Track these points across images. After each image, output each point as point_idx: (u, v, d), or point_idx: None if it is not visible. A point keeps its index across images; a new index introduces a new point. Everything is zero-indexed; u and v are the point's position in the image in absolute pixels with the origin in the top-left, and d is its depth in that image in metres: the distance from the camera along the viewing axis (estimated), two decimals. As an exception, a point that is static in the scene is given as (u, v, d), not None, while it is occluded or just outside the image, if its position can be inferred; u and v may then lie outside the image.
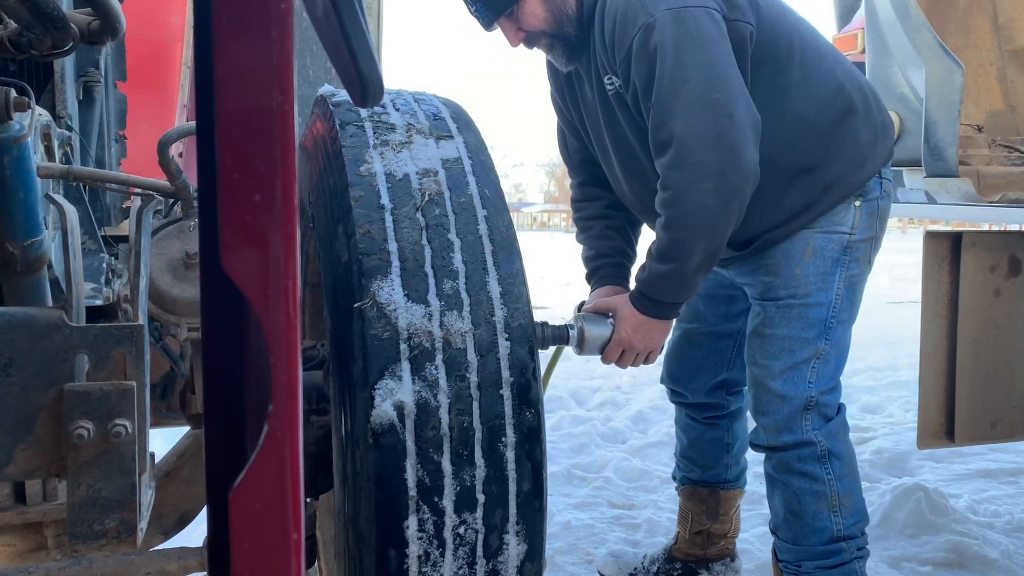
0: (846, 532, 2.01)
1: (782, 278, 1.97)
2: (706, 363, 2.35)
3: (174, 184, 1.48)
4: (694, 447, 2.46)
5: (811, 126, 1.92)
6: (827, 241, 1.95)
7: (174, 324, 1.50)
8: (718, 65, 1.75)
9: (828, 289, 1.95)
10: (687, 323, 2.39)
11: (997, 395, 2.59)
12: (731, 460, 2.45)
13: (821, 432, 1.99)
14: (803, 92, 1.91)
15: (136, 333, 1.07)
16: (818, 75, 1.93)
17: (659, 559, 2.57)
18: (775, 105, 1.88)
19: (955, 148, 2.38)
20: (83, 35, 1.28)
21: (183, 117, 2.88)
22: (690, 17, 1.75)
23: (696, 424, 2.44)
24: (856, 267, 1.98)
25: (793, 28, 1.94)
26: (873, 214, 1.98)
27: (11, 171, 1.09)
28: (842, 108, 1.93)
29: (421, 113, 1.46)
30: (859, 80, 2.01)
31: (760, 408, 2.04)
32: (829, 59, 1.98)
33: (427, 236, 1.26)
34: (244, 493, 0.54)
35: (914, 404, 2.69)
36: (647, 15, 1.76)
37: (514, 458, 1.19)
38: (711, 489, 2.46)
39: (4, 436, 1.02)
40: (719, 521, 2.48)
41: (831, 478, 1.99)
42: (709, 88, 1.72)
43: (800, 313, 1.96)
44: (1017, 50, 2.98)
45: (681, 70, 1.73)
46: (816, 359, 1.97)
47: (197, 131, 0.53)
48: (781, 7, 1.97)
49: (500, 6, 1.88)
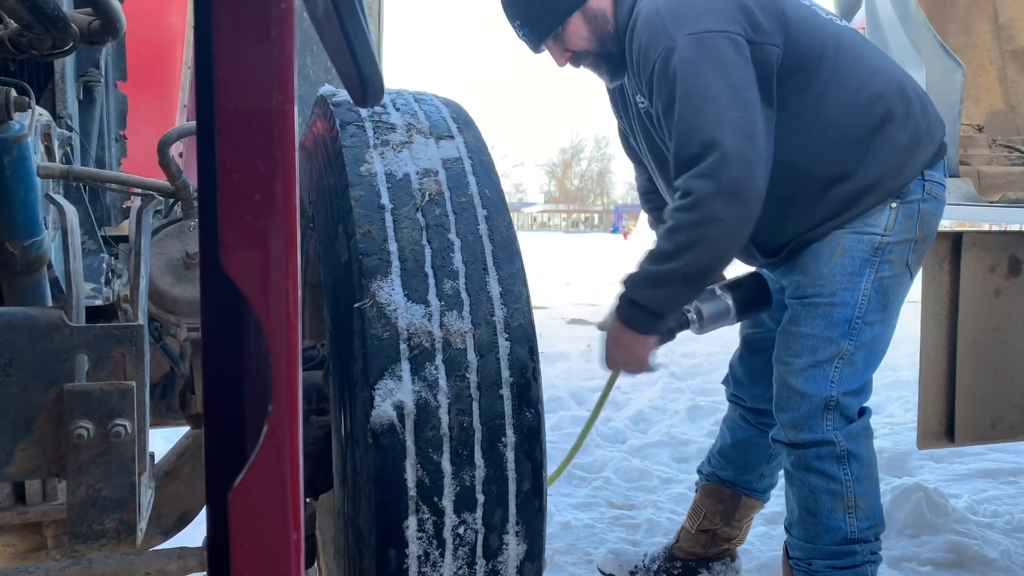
0: (860, 535, 1.99)
1: (810, 276, 1.98)
2: (765, 369, 2.30)
3: (174, 184, 1.48)
4: (737, 448, 2.44)
5: (845, 135, 1.93)
6: (857, 241, 1.94)
7: (174, 324, 1.49)
8: (739, 87, 1.78)
9: (855, 289, 1.94)
10: (749, 328, 2.40)
11: (997, 395, 2.59)
12: (767, 471, 2.44)
13: (841, 432, 1.97)
14: (836, 101, 1.92)
15: (136, 333, 1.07)
16: (853, 83, 1.94)
17: (660, 557, 2.57)
18: (808, 115, 1.91)
19: (955, 148, 2.39)
20: (83, 35, 1.28)
21: (183, 117, 2.88)
22: (710, 41, 1.79)
23: (748, 427, 2.42)
24: (888, 269, 1.95)
25: (828, 38, 1.95)
26: (912, 216, 1.96)
27: (11, 171, 1.09)
28: (878, 116, 1.93)
29: (421, 113, 1.46)
30: (902, 86, 1.99)
31: (780, 404, 2.04)
32: (868, 66, 1.97)
33: (427, 236, 1.26)
34: (244, 493, 0.54)
35: (914, 404, 2.69)
36: (669, 39, 1.81)
37: (514, 458, 1.19)
38: (735, 492, 2.45)
39: (4, 436, 1.02)
40: (730, 525, 2.47)
41: (848, 479, 1.97)
42: (730, 107, 1.76)
43: (824, 312, 1.96)
44: (1017, 50, 2.98)
45: (703, 91, 1.77)
46: (840, 359, 1.96)
47: (197, 131, 0.53)
48: (814, 19, 1.97)
49: (546, 29, 1.98)
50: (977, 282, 2.54)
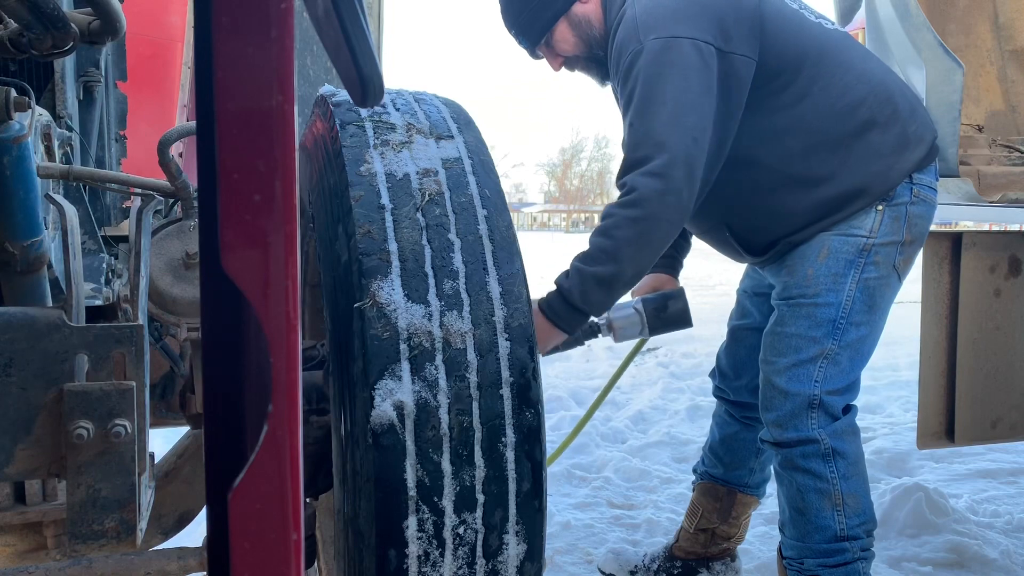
0: (850, 532, 2.01)
1: (795, 277, 2.01)
2: (749, 361, 2.35)
3: (174, 184, 1.48)
4: (725, 444, 2.47)
5: (824, 139, 1.96)
6: (842, 243, 1.97)
7: (174, 324, 1.49)
8: (695, 92, 1.83)
9: (839, 290, 1.96)
10: (735, 320, 2.43)
11: (997, 395, 2.59)
12: (757, 466, 2.45)
13: (826, 430, 1.99)
14: (817, 105, 1.95)
15: (136, 333, 1.07)
16: (836, 88, 1.96)
17: (660, 557, 2.58)
18: (787, 118, 1.94)
19: (955, 148, 2.38)
20: (83, 35, 1.28)
21: (183, 117, 2.88)
22: (675, 46, 1.84)
23: (733, 421, 2.46)
24: (874, 270, 1.97)
25: (811, 43, 1.98)
26: (899, 219, 1.97)
27: (11, 171, 1.09)
28: (860, 121, 1.96)
29: (421, 113, 1.46)
30: (889, 91, 2.01)
31: (766, 404, 2.07)
32: (854, 70, 1.99)
33: (427, 236, 1.26)
34: (244, 493, 0.54)
35: (914, 404, 2.69)
36: (638, 43, 1.88)
37: (514, 458, 1.19)
38: (730, 489, 2.47)
39: (4, 436, 1.02)
40: (728, 523, 2.49)
41: (835, 477, 1.99)
42: (683, 111, 1.82)
43: (809, 312, 1.98)
44: (1017, 50, 2.98)
45: (660, 93, 1.83)
46: (824, 359, 1.98)
47: (197, 131, 0.53)
48: (798, 23, 1.99)
49: (536, 36, 2.08)
50: (977, 282, 2.54)
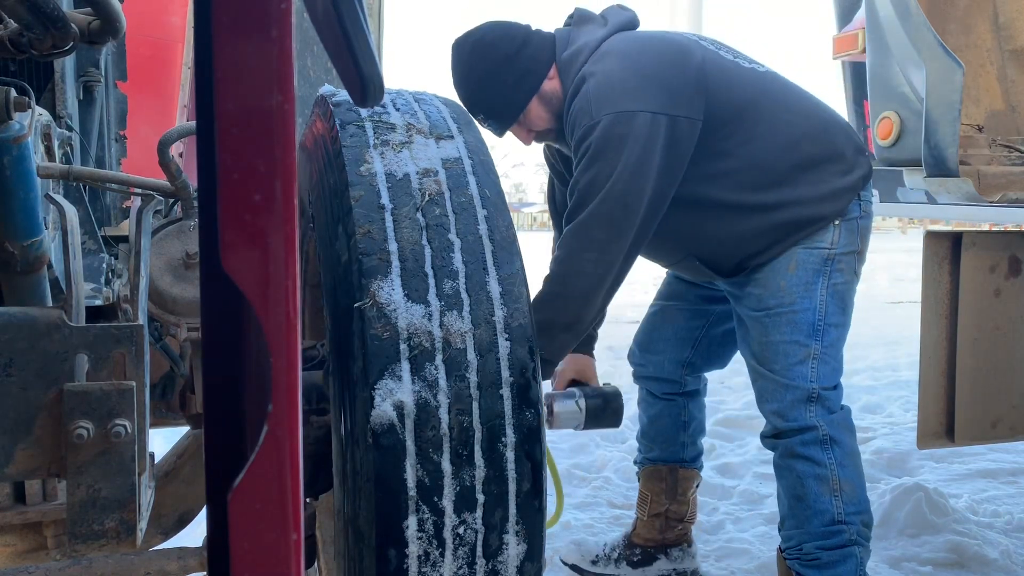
0: (847, 518, 2.09)
1: (769, 290, 2.13)
2: (675, 339, 2.51)
3: (174, 184, 1.48)
4: (653, 425, 2.60)
5: (775, 172, 2.10)
6: (808, 255, 2.11)
7: (174, 324, 1.50)
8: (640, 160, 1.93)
9: (811, 296, 2.10)
10: (665, 300, 2.57)
11: (997, 395, 2.59)
12: (687, 439, 2.59)
13: (824, 420, 2.10)
14: (764, 144, 2.11)
15: (136, 333, 1.07)
16: (779, 127, 2.12)
17: (619, 546, 2.69)
18: (739, 157, 2.09)
19: (955, 148, 2.38)
20: (83, 35, 1.28)
21: (183, 117, 2.88)
22: (625, 120, 1.94)
23: (655, 400, 2.59)
24: (840, 276, 2.12)
25: (749, 90, 2.12)
26: (854, 231, 2.14)
27: (11, 171, 1.09)
28: (805, 153, 2.12)
29: (421, 113, 1.46)
30: (825, 124, 2.17)
31: (764, 397, 2.17)
32: (792, 110, 2.15)
33: (427, 236, 1.26)
34: (244, 493, 0.54)
35: (914, 404, 2.69)
36: (590, 118, 1.98)
37: (514, 458, 1.19)
38: (670, 467, 2.59)
39: (4, 436, 1.02)
40: (677, 501, 2.60)
41: (832, 463, 2.10)
42: (625, 177, 1.92)
43: (789, 319, 2.11)
44: (1017, 50, 2.98)
45: (606, 167, 1.93)
46: (813, 359, 2.10)
47: (197, 131, 0.53)
48: (736, 74, 2.14)
49: (509, 118, 2.17)
50: (977, 282, 2.54)
